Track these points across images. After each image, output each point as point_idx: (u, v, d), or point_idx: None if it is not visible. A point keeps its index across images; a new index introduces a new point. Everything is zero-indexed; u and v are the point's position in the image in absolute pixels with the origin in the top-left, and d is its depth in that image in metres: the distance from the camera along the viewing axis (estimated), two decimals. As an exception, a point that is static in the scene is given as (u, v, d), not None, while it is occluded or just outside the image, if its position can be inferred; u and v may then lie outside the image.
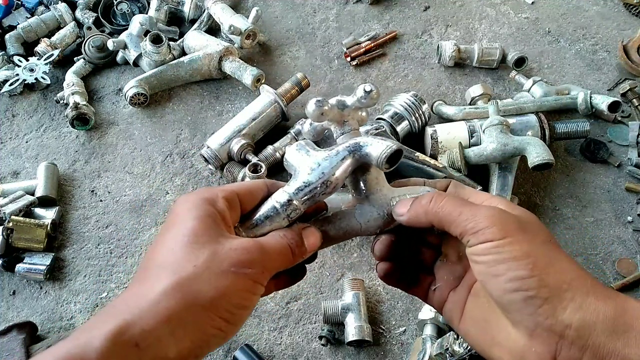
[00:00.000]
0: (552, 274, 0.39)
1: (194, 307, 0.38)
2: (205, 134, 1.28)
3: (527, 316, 0.39)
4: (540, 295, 0.38)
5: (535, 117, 1.18)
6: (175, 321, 0.37)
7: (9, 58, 1.37)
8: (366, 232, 0.51)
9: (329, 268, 1.09)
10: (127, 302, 0.38)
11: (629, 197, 1.19)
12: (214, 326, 0.39)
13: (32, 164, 1.25)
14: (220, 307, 0.40)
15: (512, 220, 0.42)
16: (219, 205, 0.44)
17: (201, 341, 0.39)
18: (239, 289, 0.41)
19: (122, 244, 1.14)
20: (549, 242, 0.42)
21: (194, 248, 0.41)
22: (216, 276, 0.40)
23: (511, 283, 0.40)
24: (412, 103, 1.19)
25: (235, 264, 0.41)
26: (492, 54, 1.36)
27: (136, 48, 1.33)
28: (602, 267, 1.10)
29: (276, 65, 1.42)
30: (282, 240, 0.46)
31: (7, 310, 1.06)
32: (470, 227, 0.42)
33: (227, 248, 0.41)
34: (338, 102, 0.50)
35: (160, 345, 0.37)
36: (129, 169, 1.24)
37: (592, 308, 0.38)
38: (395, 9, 1.52)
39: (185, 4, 1.46)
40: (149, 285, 0.39)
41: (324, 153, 0.49)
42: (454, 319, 0.49)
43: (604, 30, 1.47)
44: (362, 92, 0.49)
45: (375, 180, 0.51)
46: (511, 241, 0.40)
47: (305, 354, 1.00)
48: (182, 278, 0.39)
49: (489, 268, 0.41)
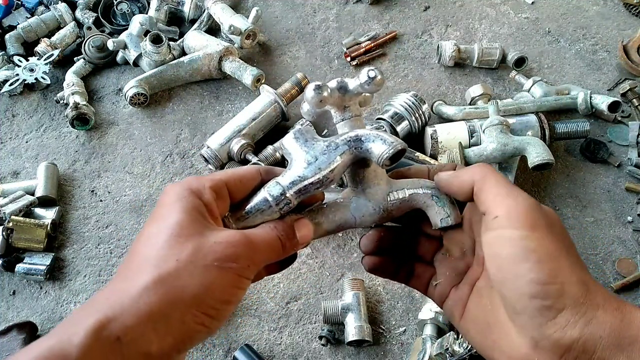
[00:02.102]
0: (574, 284, 0.37)
1: (177, 303, 0.37)
2: (205, 134, 1.28)
3: (537, 326, 0.38)
4: (557, 307, 0.37)
5: (535, 117, 1.18)
6: (157, 317, 0.37)
7: (9, 58, 1.37)
8: (360, 225, 0.50)
9: (329, 268, 1.09)
10: (109, 297, 0.37)
11: (629, 197, 1.19)
12: (197, 322, 0.38)
13: (32, 164, 1.25)
14: (204, 303, 0.38)
15: (544, 216, 0.40)
16: (206, 196, 0.43)
17: (184, 336, 0.38)
18: (224, 283, 0.40)
19: (122, 244, 1.14)
20: (571, 246, 0.41)
21: (178, 242, 0.40)
22: (200, 271, 0.39)
23: (531, 286, 0.38)
24: (412, 103, 1.19)
25: (220, 258, 0.40)
26: (492, 54, 1.36)
27: (136, 48, 1.33)
28: (602, 267, 1.10)
29: (276, 65, 1.42)
30: (272, 233, 0.45)
31: (7, 310, 1.06)
32: (504, 211, 0.40)
33: (211, 241, 0.40)
34: (339, 85, 0.48)
35: (142, 341, 0.36)
36: (129, 169, 1.24)
37: (601, 321, 0.37)
38: (395, 9, 1.52)
39: (185, 4, 1.46)
40: (131, 280, 0.38)
41: (323, 145, 0.47)
42: (455, 316, 0.48)
43: (604, 30, 1.47)
44: (366, 77, 0.46)
45: (374, 173, 0.49)
46: (541, 237, 0.38)
47: (305, 354, 1.00)
48: (164, 273, 0.38)
49: (510, 265, 0.39)
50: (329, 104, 0.48)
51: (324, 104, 0.47)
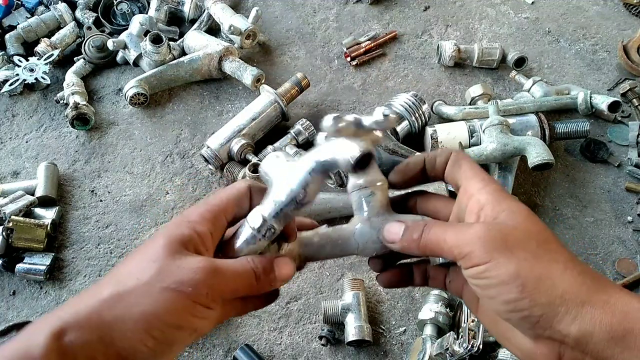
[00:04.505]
0: (543, 292, 0.39)
1: (124, 319, 0.39)
2: (205, 134, 1.28)
3: (527, 329, 0.41)
4: (534, 314, 0.39)
5: (535, 117, 1.18)
6: (104, 329, 0.39)
7: (9, 58, 1.37)
8: (362, 253, 0.51)
9: (329, 268, 1.09)
10: (71, 307, 0.40)
11: (629, 197, 1.19)
12: (140, 341, 0.39)
13: (32, 164, 1.25)
14: (150, 323, 0.39)
15: (496, 237, 0.41)
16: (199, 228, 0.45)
17: (127, 353, 0.39)
18: (175, 307, 0.40)
19: (122, 244, 1.14)
20: (539, 248, 0.41)
21: (146, 264, 0.42)
22: (155, 291, 0.40)
23: (504, 305, 0.40)
24: (412, 103, 1.19)
25: (177, 281, 0.40)
26: (492, 54, 1.36)
27: (136, 48, 1.33)
28: (602, 267, 1.10)
29: (276, 65, 1.42)
30: (247, 265, 0.45)
31: (7, 310, 1.06)
32: (457, 253, 0.42)
33: (175, 266, 0.41)
34: (355, 120, 0.49)
35: (88, 349, 0.38)
36: (129, 169, 1.24)
37: (588, 317, 0.38)
38: (395, 9, 1.52)
39: (185, 4, 1.46)
40: (94, 293, 0.41)
41: (294, 166, 0.48)
42: (472, 308, 0.50)
43: (604, 30, 1.47)
44: (381, 115, 0.48)
45: (380, 203, 0.50)
46: (496, 264, 0.40)
47: (305, 354, 1.00)
48: (122, 290, 0.40)
49: (483, 291, 0.42)
50: (344, 135, 0.50)
51: (339, 134, 0.49)
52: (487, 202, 0.44)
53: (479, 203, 0.44)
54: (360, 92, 1.36)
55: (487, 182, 0.45)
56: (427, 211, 0.52)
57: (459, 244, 0.42)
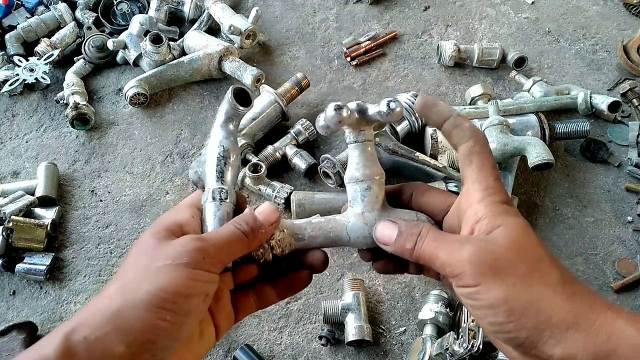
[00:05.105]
0: (529, 317, 0.40)
1: (134, 302, 0.41)
2: (205, 134, 1.28)
3: (513, 349, 0.43)
4: (520, 337, 0.41)
5: (535, 117, 1.18)
6: (119, 318, 0.40)
7: (9, 58, 1.37)
8: (353, 245, 0.51)
9: (329, 268, 1.09)
10: (80, 312, 0.42)
11: (629, 197, 1.19)
12: (157, 317, 0.40)
13: (32, 164, 1.25)
14: (160, 298, 0.41)
15: (487, 261, 0.42)
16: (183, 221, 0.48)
17: (149, 334, 0.40)
18: (177, 278, 0.42)
19: (122, 244, 1.14)
20: (529, 270, 0.42)
21: (140, 256, 0.45)
22: (153, 272, 0.42)
23: (492, 326, 0.42)
24: (412, 103, 1.19)
25: (170, 257, 0.43)
26: (492, 54, 1.36)
27: (136, 48, 1.33)
28: (602, 267, 1.10)
29: (276, 65, 1.42)
30: (229, 226, 0.47)
31: (7, 310, 1.06)
32: (449, 271, 0.44)
33: (165, 247, 0.44)
34: (359, 108, 0.49)
35: (106, 339, 0.39)
36: (129, 169, 1.24)
37: (571, 341, 0.39)
38: (395, 9, 1.52)
39: (185, 4, 1.46)
40: (101, 295, 0.43)
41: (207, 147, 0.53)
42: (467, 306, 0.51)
43: (604, 30, 1.47)
44: (386, 107, 0.48)
45: (375, 198, 0.51)
46: (486, 288, 0.41)
47: (305, 354, 1.00)
48: (122, 282, 0.43)
49: (472, 310, 0.43)
50: (346, 125, 0.50)
51: (342, 124, 0.49)
52: (484, 216, 0.44)
53: (476, 215, 0.45)
54: (360, 92, 1.36)
55: (489, 193, 0.45)
56: (423, 206, 0.52)
57: (451, 263, 0.43)
